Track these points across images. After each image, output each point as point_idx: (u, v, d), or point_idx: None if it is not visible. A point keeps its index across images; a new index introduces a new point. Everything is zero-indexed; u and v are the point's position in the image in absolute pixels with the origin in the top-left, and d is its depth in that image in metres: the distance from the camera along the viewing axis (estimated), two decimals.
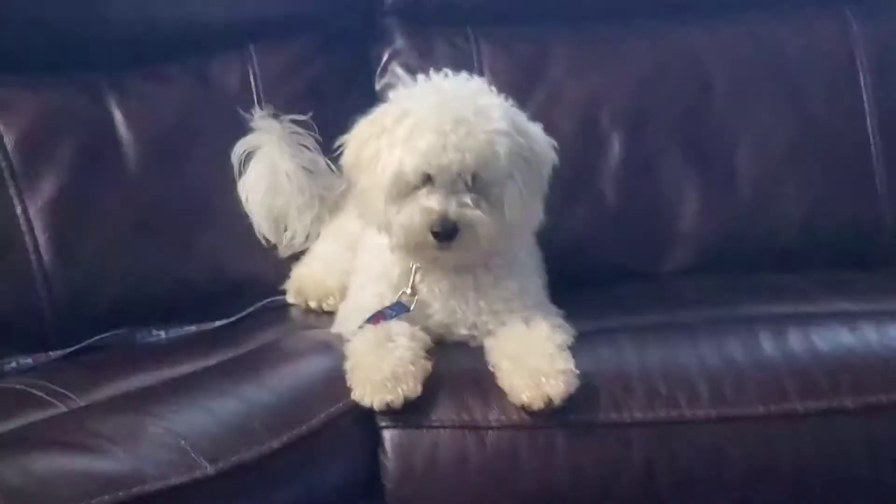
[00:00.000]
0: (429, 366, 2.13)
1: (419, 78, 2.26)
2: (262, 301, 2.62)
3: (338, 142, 2.32)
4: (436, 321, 2.26)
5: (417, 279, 2.26)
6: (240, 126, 2.72)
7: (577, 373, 2.06)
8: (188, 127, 2.72)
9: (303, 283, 2.59)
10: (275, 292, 2.65)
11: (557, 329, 2.18)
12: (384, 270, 2.29)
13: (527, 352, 2.10)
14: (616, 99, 2.82)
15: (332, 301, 2.52)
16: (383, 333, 2.16)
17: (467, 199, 2.14)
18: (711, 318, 2.37)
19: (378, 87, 2.88)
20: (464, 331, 2.26)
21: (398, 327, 2.18)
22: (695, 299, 2.56)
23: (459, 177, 2.14)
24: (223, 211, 2.70)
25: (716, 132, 2.83)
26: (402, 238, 2.17)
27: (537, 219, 2.26)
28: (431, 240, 2.14)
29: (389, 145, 2.18)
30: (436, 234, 2.13)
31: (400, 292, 2.26)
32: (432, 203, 2.14)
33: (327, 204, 2.71)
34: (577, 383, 2.05)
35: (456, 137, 2.12)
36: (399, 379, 2.06)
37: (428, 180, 2.15)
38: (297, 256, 2.69)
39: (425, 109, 2.16)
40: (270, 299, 2.64)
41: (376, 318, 2.22)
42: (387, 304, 2.25)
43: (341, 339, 2.25)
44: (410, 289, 2.26)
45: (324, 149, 2.72)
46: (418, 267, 2.26)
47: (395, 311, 2.24)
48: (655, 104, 2.83)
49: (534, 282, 2.32)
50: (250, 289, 2.66)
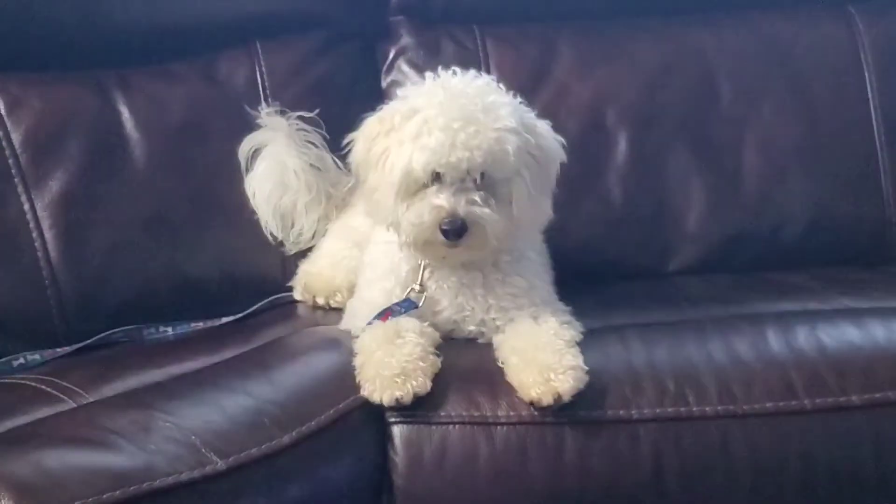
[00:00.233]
0: (438, 362, 2.13)
1: (427, 76, 2.26)
2: (269, 298, 2.63)
3: (346, 139, 2.32)
4: (444, 318, 2.26)
5: (426, 276, 2.27)
6: (247, 123, 2.72)
7: (586, 369, 2.06)
8: (195, 124, 2.72)
9: (310, 280, 2.60)
10: (282, 289, 2.66)
11: (566, 325, 2.18)
12: (393, 267, 2.29)
13: (536, 348, 2.10)
14: (622, 98, 2.83)
15: (339, 298, 2.53)
16: (392, 329, 2.16)
17: (476, 196, 2.14)
18: (719, 315, 2.39)
19: (384, 84, 2.89)
20: (472, 327, 2.26)
21: (407, 323, 2.18)
22: (702, 297, 2.58)
23: (468, 174, 2.14)
24: (230, 208, 2.70)
25: (722, 131, 2.84)
26: (412, 235, 2.17)
27: (546, 216, 2.26)
28: (440, 237, 2.14)
29: (398, 143, 2.18)
30: (445, 232, 2.13)
31: (409, 289, 2.27)
32: (441, 201, 2.14)
33: (334, 201, 2.72)
34: (585, 379, 2.05)
35: (465, 135, 2.12)
36: (408, 375, 2.07)
37: (437, 178, 2.15)
38: (304, 253, 2.70)
39: (434, 107, 2.15)
40: (277, 296, 2.64)
41: (385, 315, 2.22)
42: (395, 301, 2.26)
43: (349, 335, 2.25)
44: (419, 285, 2.26)
45: (330, 146, 2.72)
46: (427, 264, 2.26)
47: (404, 308, 2.24)
48: (662, 103, 2.84)
49: (542, 279, 2.32)
50: (257, 286, 2.67)
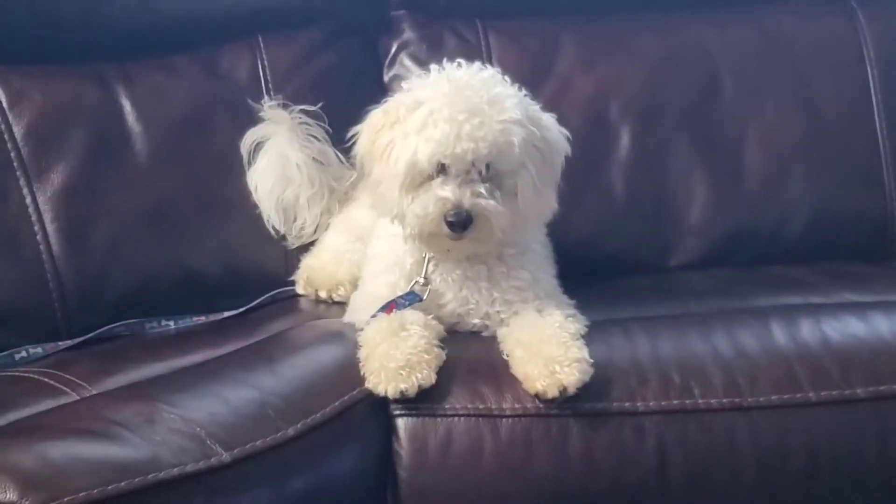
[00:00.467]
0: (442, 354, 2.13)
1: (433, 68, 2.25)
2: (272, 292, 2.63)
3: (351, 132, 2.31)
4: (448, 311, 2.26)
5: (430, 269, 2.27)
6: (249, 117, 2.72)
7: (591, 361, 2.06)
8: (197, 117, 2.72)
9: (312, 274, 2.60)
10: (283, 283, 2.66)
11: (570, 318, 2.18)
12: (397, 260, 2.29)
13: (541, 340, 2.10)
14: (625, 92, 2.83)
15: (342, 291, 2.53)
16: (397, 322, 2.15)
17: (481, 188, 2.14)
18: (723, 309, 2.39)
19: (387, 79, 2.89)
20: (476, 321, 2.26)
21: (412, 316, 2.18)
22: (705, 291, 2.58)
23: (473, 166, 2.14)
24: (232, 201, 2.70)
25: (724, 125, 2.84)
26: (416, 228, 2.16)
27: (550, 209, 2.26)
28: (446, 229, 2.14)
29: (403, 135, 2.17)
30: (450, 224, 2.13)
31: (413, 282, 2.26)
32: (447, 193, 2.13)
33: (337, 195, 2.72)
34: (590, 372, 2.05)
35: (470, 127, 2.11)
36: (413, 367, 2.06)
37: (442, 170, 2.15)
38: (307, 248, 2.70)
39: (439, 99, 2.15)
40: (279, 290, 2.64)
41: (389, 308, 2.22)
42: (399, 294, 2.25)
43: (353, 328, 2.25)
44: (423, 278, 2.26)
45: (332, 140, 2.72)
46: (431, 257, 2.26)
47: (408, 301, 2.24)
48: (664, 97, 2.84)
49: (546, 272, 2.32)
50: (259, 280, 2.66)
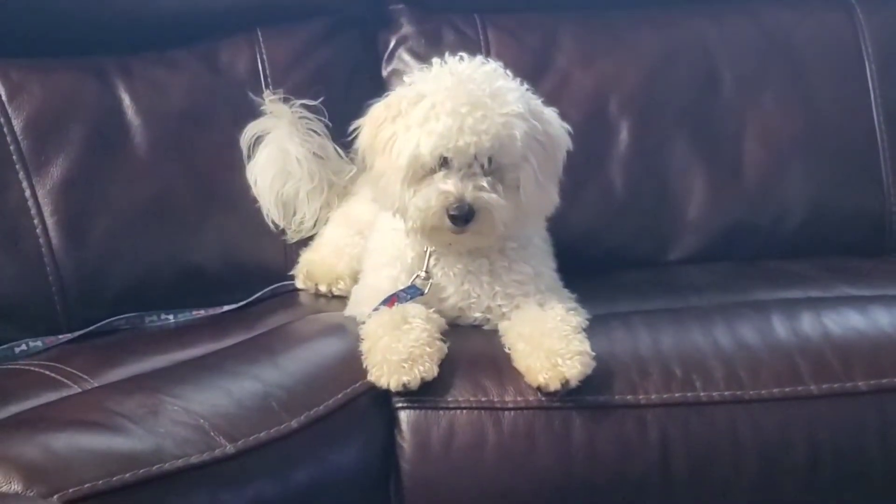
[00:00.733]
0: (444, 347, 2.13)
1: (434, 61, 2.25)
2: (271, 286, 2.62)
3: (353, 125, 2.31)
4: (450, 304, 2.26)
5: (432, 263, 2.27)
6: (248, 111, 2.72)
7: (593, 354, 2.07)
8: (196, 111, 2.72)
9: (312, 268, 2.60)
10: (283, 277, 2.66)
11: (572, 312, 2.19)
12: (398, 253, 2.29)
13: (543, 333, 2.10)
14: (624, 87, 2.84)
15: (341, 285, 2.53)
16: (399, 315, 2.15)
17: (483, 182, 2.14)
18: (723, 302, 2.40)
19: (385, 73, 2.89)
20: (478, 314, 2.26)
21: (413, 309, 2.18)
22: (704, 285, 2.59)
23: (475, 160, 2.14)
24: (232, 195, 2.70)
25: (723, 120, 2.85)
26: (419, 221, 2.16)
27: (552, 203, 2.26)
28: (448, 223, 2.14)
29: (405, 128, 2.17)
30: (452, 218, 2.13)
31: (414, 275, 2.27)
32: (449, 186, 2.13)
33: (336, 189, 2.72)
34: (592, 365, 2.06)
35: (472, 120, 2.12)
36: (415, 360, 2.06)
37: (444, 163, 2.15)
38: (306, 242, 2.70)
39: (441, 92, 2.15)
40: (279, 284, 2.64)
41: (391, 301, 2.22)
42: (401, 287, 2.25)
43: (354, 321, 2.25)
44: (425, 272, 2.26)
45: (331, 134, 2.72)
46: (433, 250, 2.26)
47: (410, 294, 2.24)
48: (663, 93, 2.84)
49: (547, 266, 2.32)
50: (259, 274, 2.66)
